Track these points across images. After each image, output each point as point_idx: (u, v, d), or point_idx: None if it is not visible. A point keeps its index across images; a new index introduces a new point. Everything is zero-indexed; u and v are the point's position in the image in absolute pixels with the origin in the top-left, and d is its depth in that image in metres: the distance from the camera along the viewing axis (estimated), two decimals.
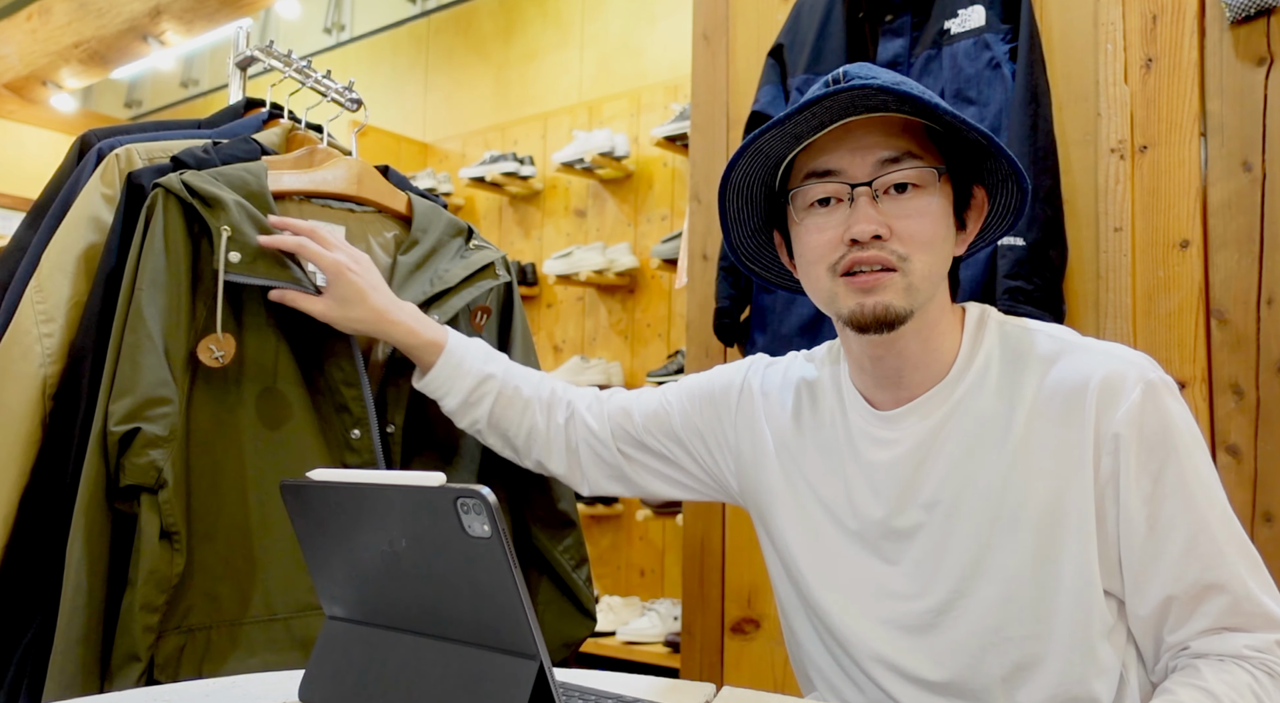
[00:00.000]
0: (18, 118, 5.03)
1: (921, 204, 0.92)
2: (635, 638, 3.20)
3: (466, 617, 0.69)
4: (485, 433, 1.20)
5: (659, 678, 0.93)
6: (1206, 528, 0.87)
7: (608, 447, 1.18)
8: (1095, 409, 0.89)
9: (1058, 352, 0.94)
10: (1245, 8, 1.49)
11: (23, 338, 1.09)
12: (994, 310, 1.01)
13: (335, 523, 0.76)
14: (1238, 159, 1.51)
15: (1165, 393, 0.89)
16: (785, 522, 1.07)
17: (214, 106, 1.37)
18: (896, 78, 0.93)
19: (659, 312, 3.73)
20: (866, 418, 1.01)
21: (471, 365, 1.17)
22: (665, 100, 3.77)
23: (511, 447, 1.21)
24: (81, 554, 1.00)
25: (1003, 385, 0.95)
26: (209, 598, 1.07)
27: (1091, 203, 1.62)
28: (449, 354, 1.16)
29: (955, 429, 0.95)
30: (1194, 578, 0.87)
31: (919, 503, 0.96)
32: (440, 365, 1.16)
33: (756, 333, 1.90)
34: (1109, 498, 0.89)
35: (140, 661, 1.00)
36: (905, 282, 0.92)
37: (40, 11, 4.12)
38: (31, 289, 1.10)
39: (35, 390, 1.08)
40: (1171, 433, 0.88)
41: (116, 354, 1.04)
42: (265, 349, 1.14)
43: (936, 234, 0.93)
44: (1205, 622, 0.87)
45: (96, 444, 1.02)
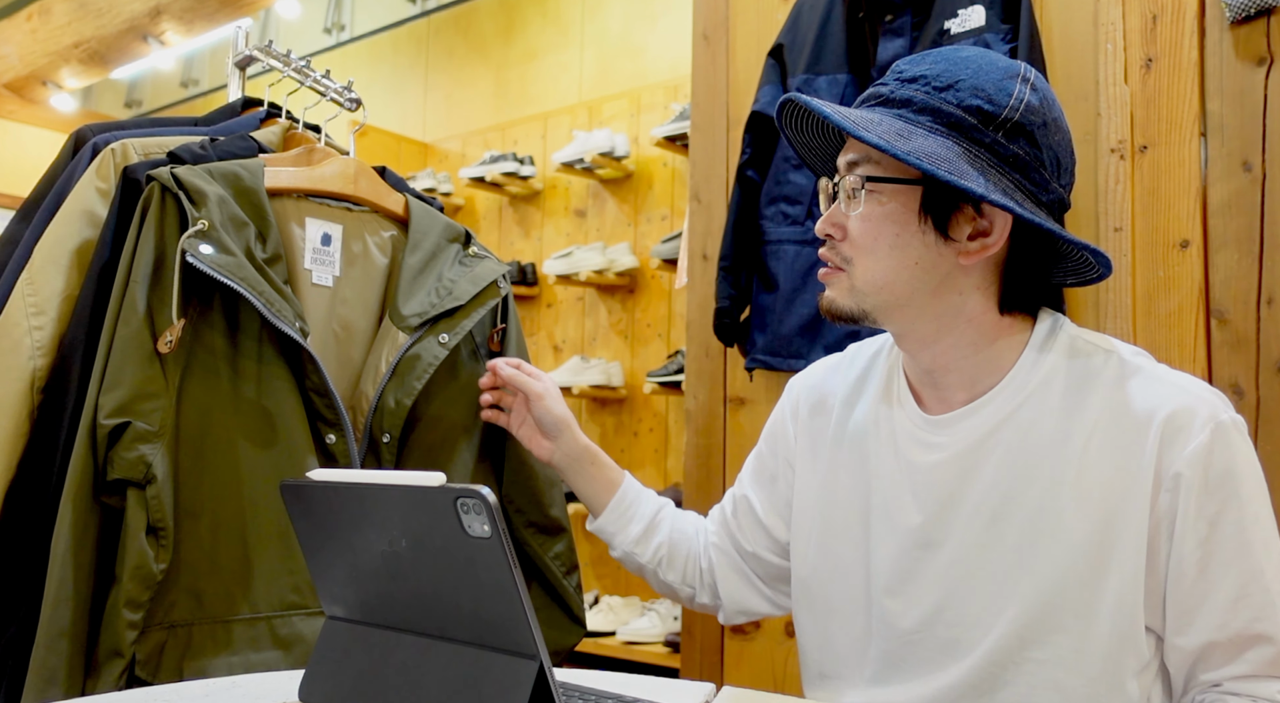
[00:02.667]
0: (18, 118, 5.02)
1: (866, 210, 0.92)
2: (635, 638, 3.20)
3: (466, 617, 0.69)
4: (667, 563, 1.20)
5: (659, 678, 0.93)
6: (1259, 577, 0.85)
7: (727, 552, 1.18)
8: (1159, 443, 0.86)
9: (1127, 377, 0.91)
10: (1245, 8, 1.49)
11: (12, 331, 1.08)
12: (1069, 323, 0.97)
13: (335, 523, 0.76)
14: (1238, 159, 1.51)
15: (1235, 436, 0.86)
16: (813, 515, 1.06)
17: (214, 106, 1.37)
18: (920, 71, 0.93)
19: (659, 312, 3.73)
20: (915, 419, 0.99)
21: (648, 499, 1.22)
22: (665, 100, 3.77)
23: (686, 581, 1.20)
24: (66, 547, 0.99)
25: (1065, 403, 0.92)
26: (192, 595, 1.06)
27: (1091, 203, 1.62)
28: (625, 489, 1.22)
29: (1006, 441, 0.93)
30: (1240, 627, 0.85)
31: (960, 514, 0.94)
32: (618, 499, 1.21)
33: (756, 333, 1.90)
34: (1163, 535, 0.87)
35: (123, 657, 0.99)
36: (849, 283, 0.94)
37: (40, 11, 4.12)
38: (23, 282, 1.10)
39: (24, 383, 1.08)
40: (1235, 478, 0.86)
41: (108, 347, 1.04)
42: (255, 350, 1.13)
43: (878, 240, 0.92)
44: (1244, 669, 0.86)
45: (85, 437, 1.01)
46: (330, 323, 1.24)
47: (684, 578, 1.19)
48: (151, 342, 1.04)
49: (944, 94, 0.90)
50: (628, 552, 1.20)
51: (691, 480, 2.07)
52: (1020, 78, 0.91)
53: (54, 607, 0.98)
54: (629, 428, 3.74)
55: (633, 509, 1.20)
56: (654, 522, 1.20)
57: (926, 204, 0.91)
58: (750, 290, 1.91)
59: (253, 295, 1.07)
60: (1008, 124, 0.89)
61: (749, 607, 1.18)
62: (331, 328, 1.24)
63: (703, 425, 2.05)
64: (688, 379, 2.10)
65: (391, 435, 1.19)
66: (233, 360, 1.12)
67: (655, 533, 1.19)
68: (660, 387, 3.31)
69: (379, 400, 1.19)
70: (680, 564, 1.19)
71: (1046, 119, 0.91)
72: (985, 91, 0.90)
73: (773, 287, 1.87)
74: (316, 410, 1.15)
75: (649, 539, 1.19)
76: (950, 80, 0.90)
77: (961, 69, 0.91)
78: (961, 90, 0.90)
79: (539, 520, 1.32)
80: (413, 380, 1.20)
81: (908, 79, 0.93)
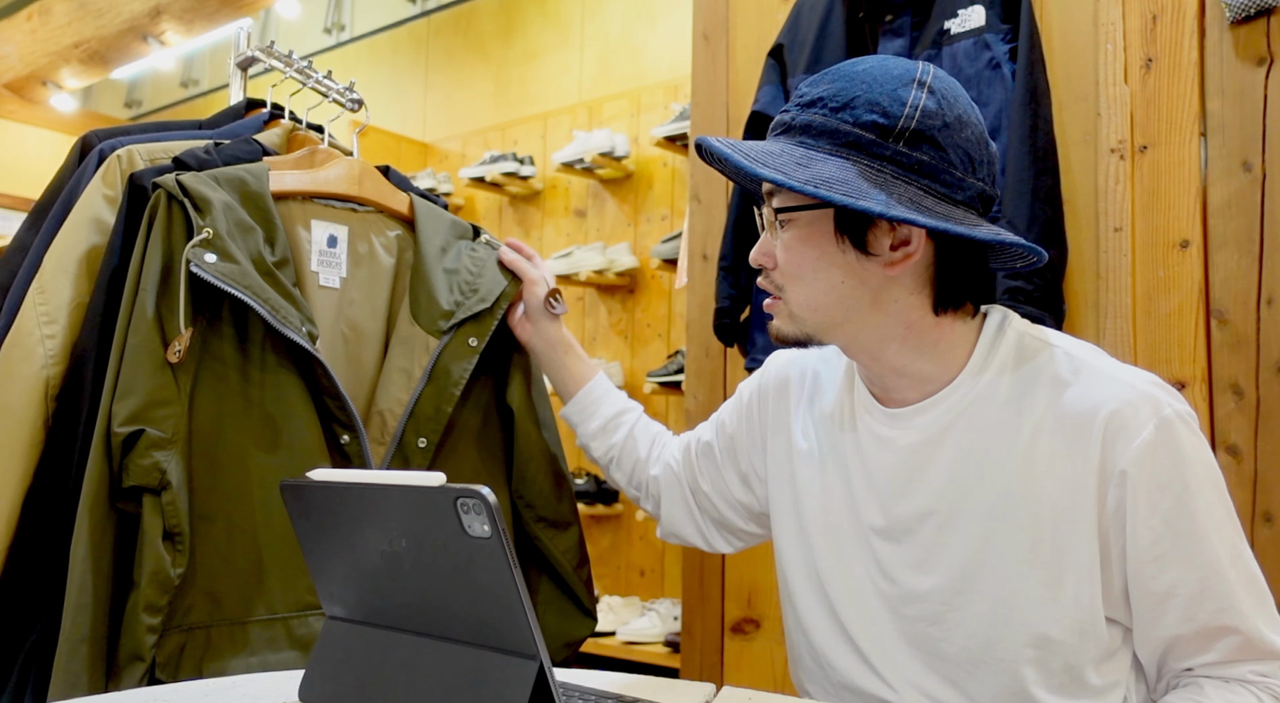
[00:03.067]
0: (18, 118, 5.03)
1: (786, 239, 0.94)
2: (635, 638, 3.20)
3: (466, 617, 0.70)
4: (616, 463, 1.28)
5: (659, 678, 0.93)
6: (1218, 570, 0.86)
7: (680, 480, 1.23)
8: (1102, 441, 0.87)
9: (1073, 372, 0.91)
10: (1245, 8, 1.49)
11: (25, 340, 1.09)
12: (1017, 318, 0.99)
13: (335, 523, 0.76)
14: (1238, 159, 1.51)
15: (1181, 429, 0.87)
16: (788, 512, 1.08)
17: (214, 106, 1.37)
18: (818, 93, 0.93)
19: (659, 312, 3.73)
20: (873, 413, 1.00)
21: (613, 400, 1.28)
22: (665, 100, 3.77)
23: (633, 483, 1.28)
24: (85, 554, 1.00)
25: (1012, 398, 0.93)
26: (210, 597, 1.07)
27: (1091, 203, 1.62)
28: (593, 385, 1.28)
29: (957, 438, 0.94)
30: (1205, 620, 0.86)
31: (914, 509, 0.96)
32: (584, 393, 1.28)
33: (756, 333, 1.90)
34: (1114, 530, 0.88)
35: (144, 660, 1.01)
36: (787, 310, 0.97)
37: (40, 11, 4.12)
38: (34, 291, 1.10)
39: (38, 392, 1.08)
40: (1184, 471, 0.86)
41: (120, 355, 1.04)
42: (265, 356, 1.13)
43: (802, 267, 0.94)
44: (1215, 657, 0.87)
45: (100, 445, 1.02)
46: (339, 325, 1.25)
47: (630, 480, 1.28)
48: (162, 349, 1.05)
49: (840, 114, 0.90)
50: (584, 443, 1.30)
51: None
52: (916, 83, 0.90)
53: (75, 613, 0.99)
54: None
55: (595, 406, 1.28)
56: (612, 422, 1.27)
57: (840, 225, 0.92)
58: (750, 290, 1.91)
59: (257, 303, 1.08)
60: (906, 133, 0.89)
61: (682, 533, 1.24)
62: (340, 329, 1.25)
63: None
64: (688, 379, 2.10)
65: (429, 441, 1.20)
66: (243, 366, 1.12)
67: (612, 434, 1.27)
68: (660, 387, 3.31)
69: (415, 406, 1.19)
70: (629, 468, 1.27)
71: (948, 120, 0.89)
72: (880, 105, 0.89)
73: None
74: (329, 413, 1.15)
75: (604, 437, 1.27)
76: (846, 99, 0.90)
77: (856, 85, 0.91)
78: (857, 107, 0.89)
79: (549, 516, 1.32)
80: (450, 387, 1.21)
81: (806, 103, 0.93)
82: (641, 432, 1.27)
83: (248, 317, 1.13)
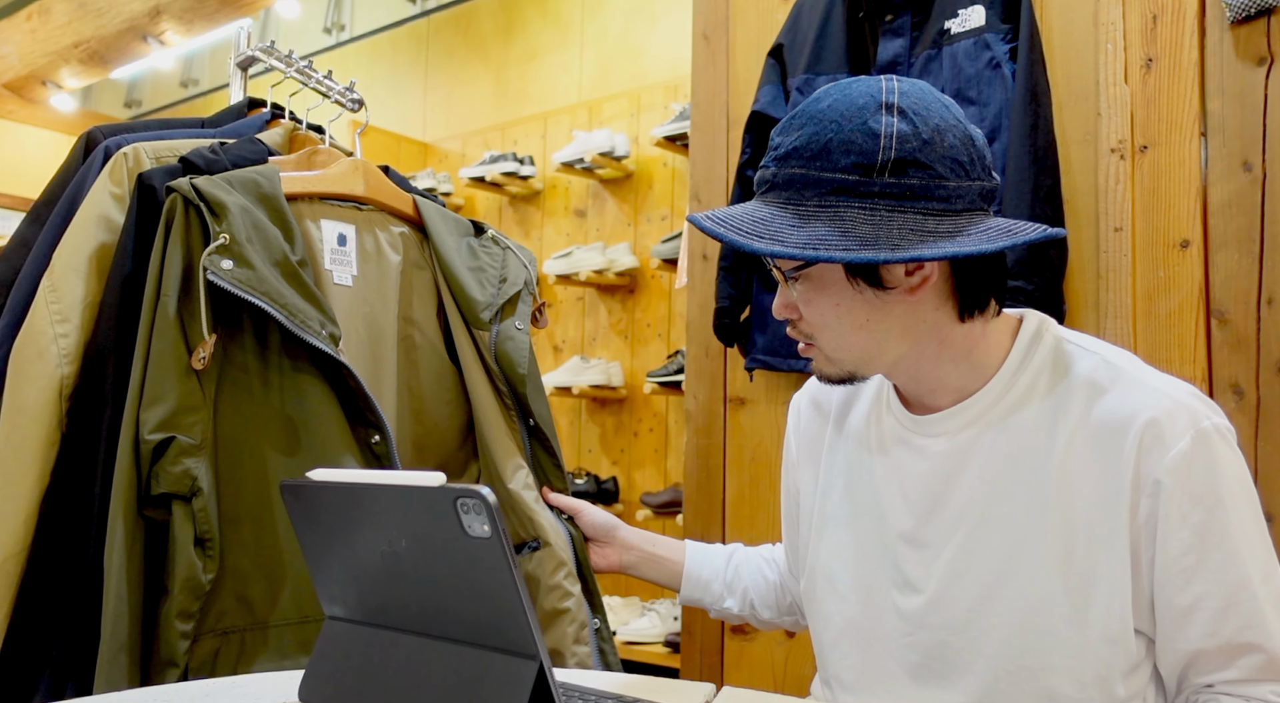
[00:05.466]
0: (18, 118, 5.02)
1: (805, 292, 0.93)
2: (635, 638, 3.20)
3: (466, 617, 0.69)
4: (755, 615, 1.25)
5: (659, 678, 0.93)
6: (1247, 586, 0.84)
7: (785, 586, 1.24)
8: (1137, 450, 0.86)
9: (1110, 380, 0.90)
10: (1245, 8, 1.49)
11: (38, 339, 1.09)
12: (1053, 324, 0.98)
13: (335, 523, 0.76)
14: (1238, 159, 1.51)
15: (1218, 442, 0.86)
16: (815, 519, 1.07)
17: (214, 106, 1.37)
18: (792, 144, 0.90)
19: (659, 312, 3.73)
20: (902, 419, 1.00)
21: (714, 566, 1.26)
22: (665, 100, 3.77)
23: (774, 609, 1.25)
24: (121, 562, 1.01)
25: (1048, 406, 0.92)
26: (241, 601, 1.08)
27: (1091, 203, 1.62)
28: (688, 572, 1.25)
29: (992, 443, 0.93)
30: (1230, 635, 0.85)
31: (946, 515, 0.94)
32: (688, 575, 1.25)
33: (756, 333, 1.90)
34: (1145, 540, 0.87)
35: (178, 666, 1.01)
36: (823, 355, 0.96)
37: (40, 11, 4.12)
38: (45, 289, 1.10)
39: (52, 391, 1.08)
40: (1219, 485, 0.85)
41: (144, 361, 1.04)
42: (288, 359, 1.14)
43: (825, 317, 0.93)
44: (1236, 674, 0.86)
45: (129, 452, 1.02)
46: (355, 321, 1.26)
47: (779, 612, 1.25)
48: (187, 356, 1.05)
49: (818, 163, 0.87)
50: (721, 612, 1.27)
51: (691, 480, 2.07)
52: (883, 108, 0.87)
53: (113, 622, 1.00)
54: (629, 428, 3.74)
55: (704, 577, 1.26)
56: (729, 581, 1.25)
57: (851, 271, 0.91)
58: (750, 290, 1.91)
59: (274, 309, 1.08)
60: (888, 166, 0.86)
61: None
62: (357, 327, 1.26)
63: (703, 425, 2.05)
64: (688, 379, 2.10)
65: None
66: (265, 370, 1.13)
67: (734, 589, 1.25)
68: (660, 387, 3.31)
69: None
70: (773, 602, 1.25)
71: (925, 136, 0.87)
72: (854, 145, 0.86)
73: (773, 287, 1.86)
74: (357, 414, 1.16)
75: (732, 596, 1.25)
76: (819, 147, 0.88)
77: (826, 128, 0.88)
78: (833, 153, 0.87)
79: None
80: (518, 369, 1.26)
81: (782, 157, 0.90)
82: (757, 564, 1.26)
83: (268, 321, 1.13)
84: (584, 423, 3.87)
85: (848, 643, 1.01)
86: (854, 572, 1.01)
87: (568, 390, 3.59)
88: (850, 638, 1.01)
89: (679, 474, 3.50)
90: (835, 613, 1.02)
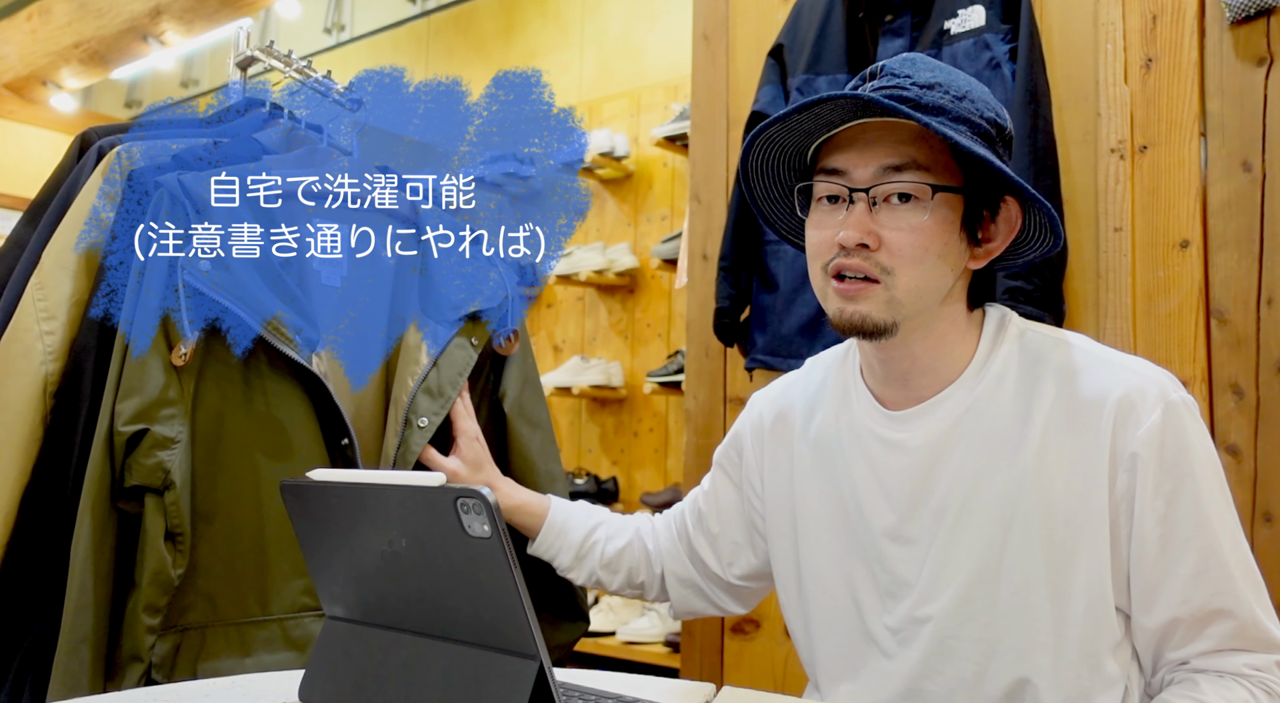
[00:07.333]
0: (18, 118, 5.02)
1: (915, 219, 0.89)
2: (635, 638, 3.20)
3: (466, 617, 0.69)
4: (605, 581, 1.21)
5: (659, 678, 0.93)
6: (1217, 553, 0.86)
7: (678, 558, 1.20)
8: (1112, 426, 0.88)
9: (1078, 363, 0.92)
10: (1245, 8, 1.49)
11: (24, 336, 1.09)
12: (1015, 316, 0.99)
13: (335, 523, 0.76)
14: (1238, 159, 1.51)
15: (1186, 414, 0.88)
16: (786, 528, 1.07)
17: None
18: (930, 78, 0.90)
19: (659, 312, 3.73)
20: (875, 417, 1.00)
21: (577, 523, 1.21)
22: (665, 100, 3.77)
23: (631, 585, 1.23)
24: (86, 553, 1.00)
25: (1019, 393, 0.93)
26: (206, 598, 1.07)
27: (1091, 203, 1.62)
28: (551, 520, 1.21)
29: (967, 434, 0.94)
30: (1201, 602, 0.86)
31: (929, 508, 0.95)
32: (545, 531, 1.20)
33: (756, 333, 1.90)
34: (1123, 514, 0.88)
35: (142, 661, 1.01)
36: (887, 294, 0.90)
37: (40, 11, 4.12)
38: (33, 287, 1.10)
39: (36, 388, 1.08)
40: (1189, 456, 0.87)
41: (123, 355, 1.04)
42: (265, 360, 1.13)
43: (929, 250, 0.90)
44: (1209, 644, 0.87)
45: (103, 444, 1.02)
46: (342, 323, 1.25)
47: (629, 582, 1.22)
48: (167, 351, 1.05)
49: (964, 104, 0.90)
50: (565, 574, 1.23)
51: (691, 480, 2.07)
52: None
53: (75, 614, 0.99)
54: (629, 428, 3.74)
55: (560, 541, 1.21)
56: (581, 550, 1.21)
57: (970, 212, 0.92)
58: (750, 290, 1.91)
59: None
60: (1007, 136, 0.94)
61: (695, 609, 1.22)
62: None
63: (703, 425, 2.06)
64: (688, 379, 2.10)
65: (429, 422, 1.20)
66: (244, 369, 1.13)
67: (586, 560, 1.21)
68: (660, 387, 3.31)
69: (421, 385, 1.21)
70: (623, 576, 1.21)
71: (1008, 128, 0.95)
72: (989, 105, 0.92)
73: (773, 287, 1.87)
74: (328, 418, 1.16)
75: (581, 566, 1.21)
76: (961, 91, 0.91)
77: (958, 78, 0.93)
78: (975, 102, 0.91)
79: None
80: (455, 376, 1.22)
81: (925, 85, 0.90)
82: (613, 546, 1.22)
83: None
84: (584, 423, 3.87)
85: (838, 642, 1.02)
86: (840, 572, 1.01)
87: (568, 390, 3.59)
88: (841, 636, 1.02)
89: (679, 474, 3.50)
90: (825, 613, 1.03)
